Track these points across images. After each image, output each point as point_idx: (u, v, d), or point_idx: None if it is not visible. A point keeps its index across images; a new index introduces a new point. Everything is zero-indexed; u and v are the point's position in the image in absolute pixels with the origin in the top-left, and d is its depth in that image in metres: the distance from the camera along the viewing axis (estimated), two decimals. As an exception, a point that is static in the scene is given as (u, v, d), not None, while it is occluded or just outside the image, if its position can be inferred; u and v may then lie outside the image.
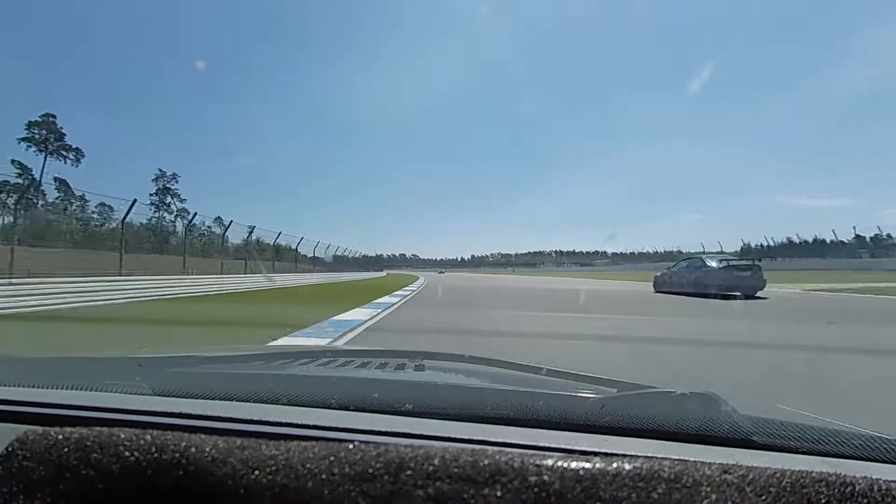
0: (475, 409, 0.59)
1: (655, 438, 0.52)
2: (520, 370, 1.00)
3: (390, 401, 0.61)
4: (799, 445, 0.51)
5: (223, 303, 11.55)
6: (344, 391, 0.67)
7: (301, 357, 1.19)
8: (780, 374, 3.78)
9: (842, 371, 3.91)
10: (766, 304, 10.77)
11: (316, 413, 0.58)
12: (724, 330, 7.01)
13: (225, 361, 1.05)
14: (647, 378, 0.88)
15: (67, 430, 0.43)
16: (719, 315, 9.06)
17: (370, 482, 0.37)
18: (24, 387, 0.67)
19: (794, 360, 4.51)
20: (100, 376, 0.77)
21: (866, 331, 6.77)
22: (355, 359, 1.09)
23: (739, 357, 4.68)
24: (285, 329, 5.88)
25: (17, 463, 0.41)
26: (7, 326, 6.50)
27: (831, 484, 0.37)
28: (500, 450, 0.40)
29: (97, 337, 5.98)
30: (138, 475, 0.39)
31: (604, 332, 6.16)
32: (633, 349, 5.03)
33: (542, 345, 5.36)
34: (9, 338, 5.53)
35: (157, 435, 0.42)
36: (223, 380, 0.84)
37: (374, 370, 1.00)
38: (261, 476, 0.38)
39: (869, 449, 0.50)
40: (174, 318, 7.97)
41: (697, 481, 0.36)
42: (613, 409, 0.58)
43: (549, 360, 1.03)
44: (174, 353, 1.03)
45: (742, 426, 0.53)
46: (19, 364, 0.90)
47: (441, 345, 5.19)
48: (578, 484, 0.36)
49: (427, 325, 7.33)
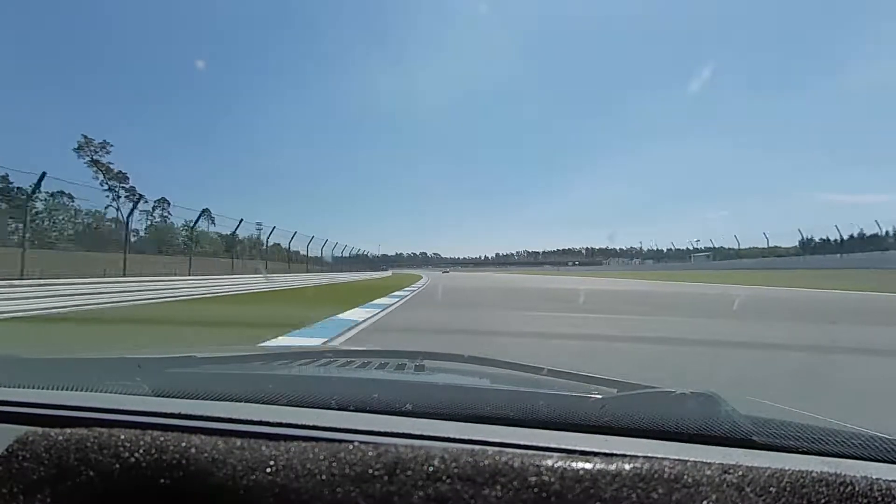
0: (475, 410, 0.59)
1: (655, 438, 0.52)
2: (520, 370, 1.00)
3: (390, 401, 0.61)
4: (799, 445, 0.51)
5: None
6: (344, 392, 0.67)
7: (301, 357, 1.19)
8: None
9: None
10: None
11: (316, 413, 0.58)
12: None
13: (224, 362, 1.05)
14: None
15: (67, 431, 0.43)
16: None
17: (370, 482, 0.37)
18: (25, 387, 0.67)
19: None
20: (100, 377, 0.77)
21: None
22: (355, 359, 1.08)
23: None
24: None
25: (17, 463, 0.41)
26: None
27: (831, 484, 0.37)
28: (500, 450, 0.40)
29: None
30: (138, 476, 0.39)
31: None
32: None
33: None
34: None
35: (157, 435, 0.42)
36: (223, 380, 0.84)
37: (373, 370, 1.00)
38: (261, 476, 0.38)
39: (869, 449, 0.50)
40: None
41: (697, 481, 0.36)
42: (613, 409, 0.58)
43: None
44: (173, 354, 1.03)
45: (742, 426, 0.53)
46: (19, 364, 0.90)
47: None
48: (578, 484, 0.36)
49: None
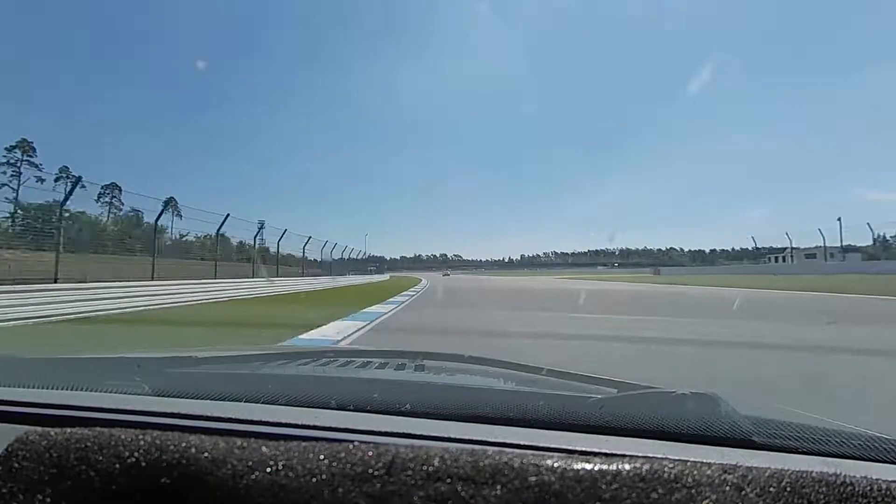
0: (475, 410, 0.59)
1: (655, 438, 0.52)
2: (520, 370, 1.00)
3: (390, 401, 0.61)
4: (799, 445, 0.51)
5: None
6: (344, 391, 0.67)
7: (301, 357, 1.19)
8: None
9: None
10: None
11: (316, 413, 0.58)
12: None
13: (224, 362, 1.05)
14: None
15: (67, 431, 0.43)
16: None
17: (370, 482, 0.37)
18: (25, 387, 0.67)
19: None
20: (100, 376, 0.77)
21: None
22: (355, 359, 1.08)
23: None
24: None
25: (18, 463, 0.41)
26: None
27: (831, 484, 0.37)
28: (500, 450, 0.40)
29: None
30: (138, 475, 0.39)
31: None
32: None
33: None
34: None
35: (157, 435, 0.42)
36: (223, 380, 0.84)
37: (374, 370, 1.00)
38: (261, 476, 0.38)
39: (869, 449, 0.50)
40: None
41: (697, 481, 0.36)
42: (613, 410, 0.58)
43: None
44: (173, 354, 1.03)
45: (742, 426, 0.53)
46: (19, 364, 0.90)
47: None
48: (578, 484, 0.36)
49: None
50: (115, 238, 17.65)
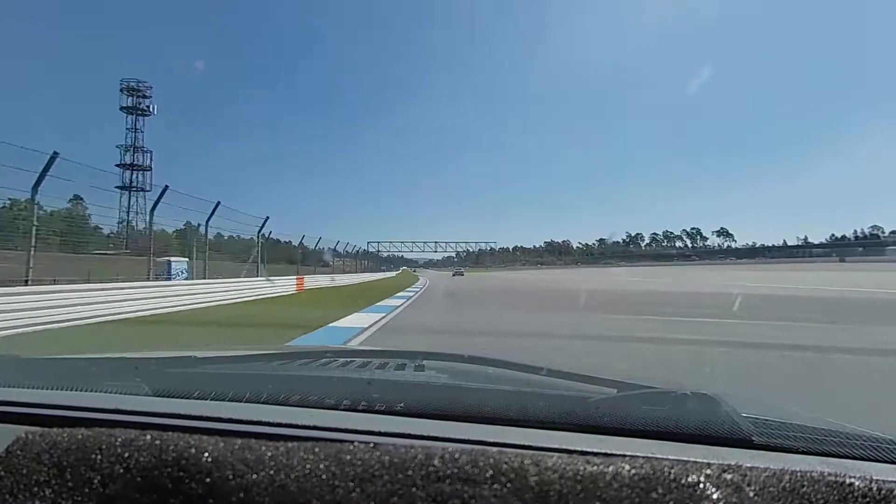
0: (475, 409, 0.59)
1: (655, 438, 0.52)
2: (519, 370, 1.00)
3: (390, 401, 0.61)
4: (799, 445, 0.51)
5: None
6: (344, 391, 0.67)
7: (301, 357, 1.19)
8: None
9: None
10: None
11: (316, 413, 0.58)
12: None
13: (224, 362, 1.05)
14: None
15: (67, 431, 0.43)
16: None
17: (370, 482, 0.37)
18: (25, 387, 0.67)
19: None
20: (100, 377, 0.77)
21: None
22: (355, 359, 1.09)
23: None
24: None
25: (17, 463, 0.41)
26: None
27: (831, 484, 0.37)
28: (500, 450, 0.40)
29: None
30: (138, 475, 0.39)
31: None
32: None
33: None
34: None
35: (157, 435, 0.42)
36: (223, 380, 0.84)
37: (374, 370, 1.00)
38: (261, 476, 0.38)
39: (869, 449, 0.50)
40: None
41: (697, 481, 0.36)
42: (613, 409, 0.58)
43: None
44: (173, 354, 1.03)
45: (742, 426, 0.53)
46: (19, 364, 0.90)
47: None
48: (578, 484, 0.36)
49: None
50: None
